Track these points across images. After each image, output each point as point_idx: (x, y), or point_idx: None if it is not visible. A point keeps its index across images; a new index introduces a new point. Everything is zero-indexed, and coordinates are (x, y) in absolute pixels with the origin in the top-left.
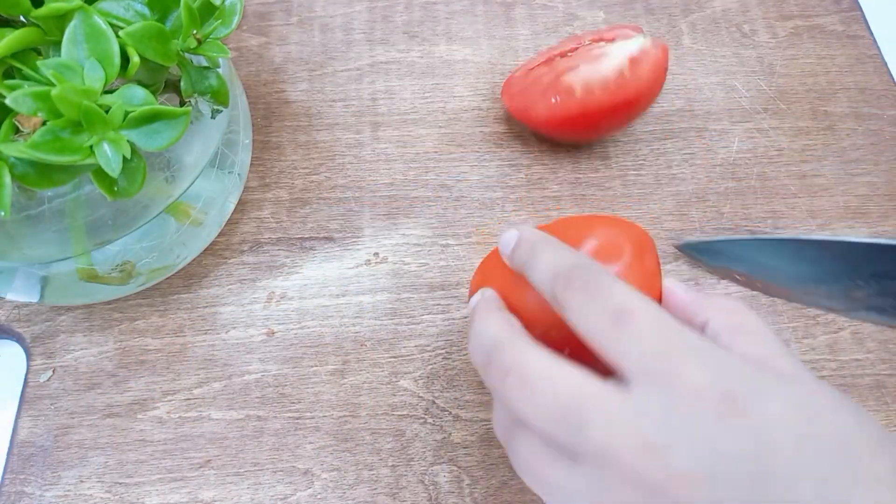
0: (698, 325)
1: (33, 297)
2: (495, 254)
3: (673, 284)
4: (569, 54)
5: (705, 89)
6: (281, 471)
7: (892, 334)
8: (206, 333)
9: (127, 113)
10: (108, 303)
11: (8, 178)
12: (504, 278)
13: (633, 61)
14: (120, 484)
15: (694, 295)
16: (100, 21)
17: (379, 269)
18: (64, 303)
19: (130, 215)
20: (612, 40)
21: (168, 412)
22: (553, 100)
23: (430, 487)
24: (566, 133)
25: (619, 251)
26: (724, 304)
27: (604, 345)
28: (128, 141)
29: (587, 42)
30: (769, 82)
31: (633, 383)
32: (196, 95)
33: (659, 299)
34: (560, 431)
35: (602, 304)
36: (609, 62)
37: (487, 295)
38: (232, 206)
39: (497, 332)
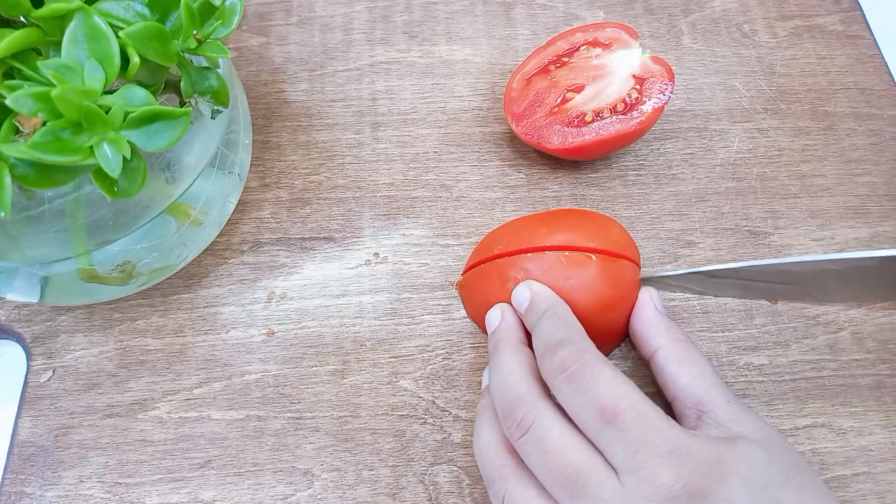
0: (651, 347)
1: (33, 297)
2: (492, 234)
3: (647, 298)
4: (564, 60)
5: (705, 89)
6: (281, 471)
7: (892, 334)
8: (206, 333)
9: (127, 113)
10: (109, 303)
11: (8, 179)
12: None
13: (640, 82)
14: (120, 484)
15: (657, 317)
16: (100, 21)
17: (379, 269)
18: (64, 303)
19: (131, 215)
20: (608, 46)
21: (168, 412)
22: (568, 140)
23: (430, 487)
24: (577, 157)
25: (587, 261)
26: (675, 335)
27: (591, 435)
28: (128, 141)
29: (582, 45)
30: (769, 82)
31: (621, 475)
32: (196, 96)
33: (631, 305)
34: (561, 494)
35: (589, 399)
36: (615, 86)
37: (508, 323)
38: (232, 206)
39: (519, 384)
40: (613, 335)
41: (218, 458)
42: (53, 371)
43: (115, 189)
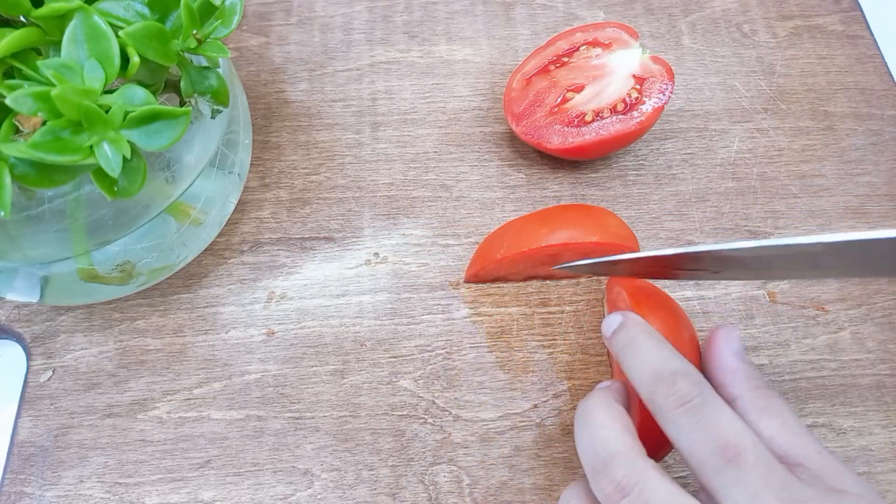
0: (728, 395)
1: (33, 297)
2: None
3: (724, 339)
4: (564, 60)
5: (705, 89)
6: (281, 471)
7: (892, 334)
8: (206, 333)
9: (127, 113)
10: (109, 303)
11: (8, 178)
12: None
13: (639, 82)
14: (120, 484)
15: (736, 362)
16: (100, 21)
17: (379, 269)
18: (64, 303)
19: (131, 215)
20: (608, 46)
21: (168, 412)
22: (568, 140)
23: (430, 487)
24: (577, 157)
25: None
26: (755, 382)
27: (707, 474)
28: (128, 141)
29: (582, 45)
30: (769, 82)
31: None
32: (196, 95)
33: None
34: None
35: (711, 435)
36: (615, 86)
37: (607, 384)
38: (232, 206)
39: (617, 440)
40: None
41: (218, 458)
42: (53, 371)
43: (115, 189)
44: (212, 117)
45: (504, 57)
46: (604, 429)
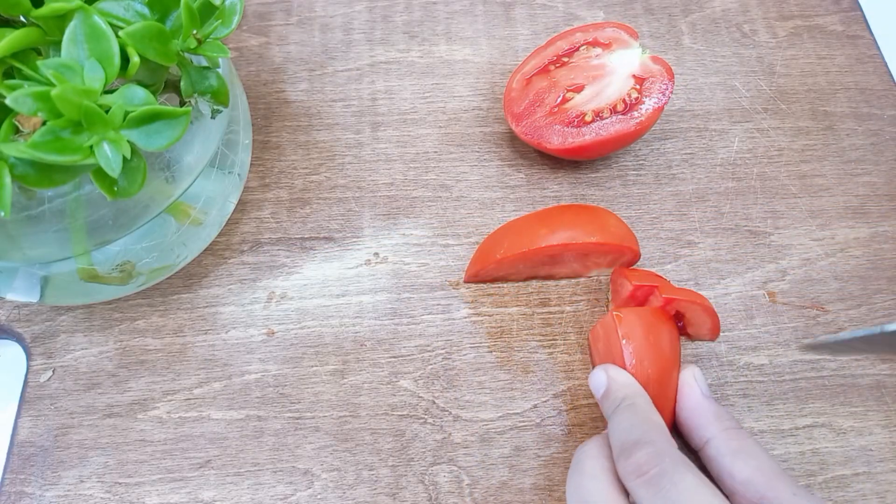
0: (701, 438)
1: (33, 297)
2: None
3: (692, 381)
4: (564, 60)
5: (705, 89)
6: (281, 471)
7: None
8: (206, 333)
9: (127, 113)
10: (109, 303)
11: (8, 178)
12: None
13: (639, 82)
14: (120, 484)
15: (705, 403)
16: (100, 21)
17: (379, 269)
18: (64, 303)
19: (130, 215)
20: (608, 46)
21: (168, 412)
22: (568, 140)
23: (430, 487)
24: (577, 157)
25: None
26: (726, 423)
27: None
28: (128, 141)
29: (582, 45)
30: (769, 82)
31: None
32: (196, 95)
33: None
34: None
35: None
36: (615, 86)
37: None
38: (232, 206)
39: (600, 491)
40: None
41: (218, 458)
42: (53, 371)
43: (115, 189)
44: (212, 117)
45: (504, 57)
46: (592, 479)
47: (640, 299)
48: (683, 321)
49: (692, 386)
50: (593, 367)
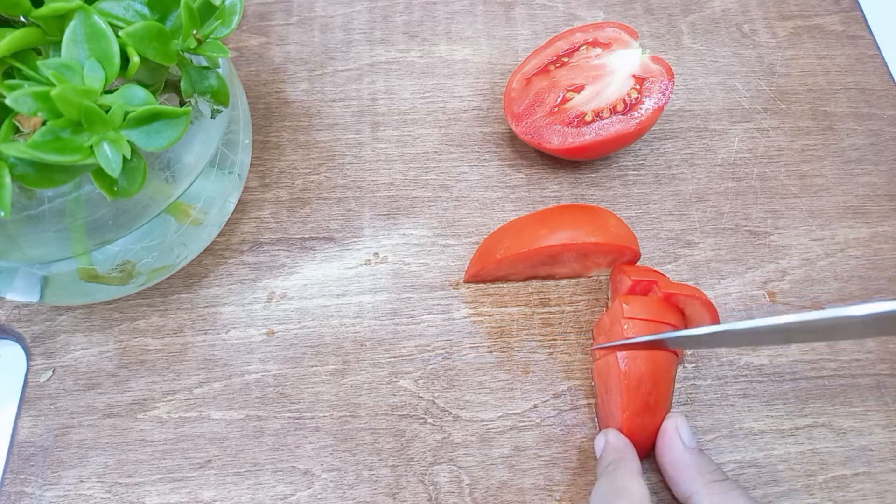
0: (684, 492)
1: (33, 297)
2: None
3: (674, 432)
4: (564, 60)
5: (705, 89)
6: (281, 471)
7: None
8: (206, 333)
9: (127, 113)
10: (109, 303)
11: (8, 178)
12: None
13: (639, 82)
14: (120, 484)
15: (688, 456)
16: (100, 21)
17: (379, 269)
18: (64, 303)
19: (130, 215)
20: (608, 46)
21: (168, 412)
22: (568, 140)
23: (430, 487)
24: (577, 157)
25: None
26: (710, 477)
27: None
28: (128, 141)
29: (582, 45)
30: (769, 82)
31: None
32: (196, 95)
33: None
34: None
35: None
36: (615, 86)
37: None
38: (232, 206)
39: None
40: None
41: (218, 457)
42: (53, 371)
43: (115, 189)
44: (212, 117)
45: (504, 57)
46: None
47: (640, 294)
48: (683, 316)
49: (674, 439)
50: (594, 367)
